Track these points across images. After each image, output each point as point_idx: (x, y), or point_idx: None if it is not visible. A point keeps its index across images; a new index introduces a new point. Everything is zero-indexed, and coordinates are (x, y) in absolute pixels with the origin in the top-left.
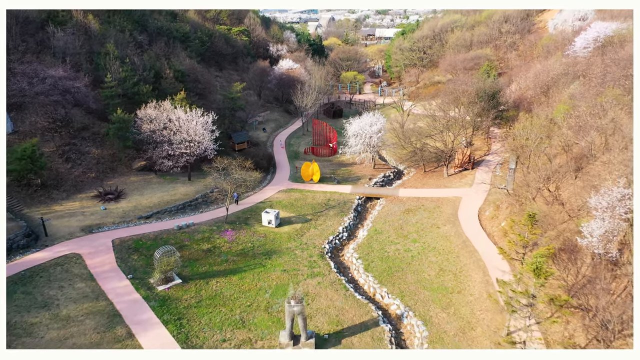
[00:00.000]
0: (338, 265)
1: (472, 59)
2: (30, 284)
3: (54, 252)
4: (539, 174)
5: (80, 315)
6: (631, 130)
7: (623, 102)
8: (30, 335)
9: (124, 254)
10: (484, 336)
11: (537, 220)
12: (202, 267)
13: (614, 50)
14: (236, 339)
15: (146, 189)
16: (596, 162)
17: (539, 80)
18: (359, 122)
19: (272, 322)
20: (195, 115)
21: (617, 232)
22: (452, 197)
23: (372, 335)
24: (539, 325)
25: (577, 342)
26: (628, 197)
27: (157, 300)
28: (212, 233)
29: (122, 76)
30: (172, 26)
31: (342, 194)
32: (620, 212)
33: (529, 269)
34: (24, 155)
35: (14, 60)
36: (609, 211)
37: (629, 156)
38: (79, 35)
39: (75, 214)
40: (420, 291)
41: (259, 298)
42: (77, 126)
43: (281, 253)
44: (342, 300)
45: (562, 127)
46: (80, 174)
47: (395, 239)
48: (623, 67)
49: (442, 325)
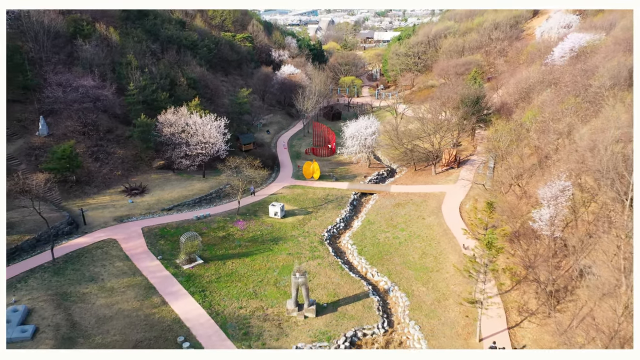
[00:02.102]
0: (335, 250)
1: (464, 64)
2: (77, 262)
3: (93, 237)
4: (511, 172)
5: (122, 287)
6: (581, 134)
7: (581, 108)
8: (83, 302)
9: (153, 240)
10: (454, 304)
11: (495, 208)
12: (219, 251)
13: (582, 60)
14: (250, 307)
15: (166, 185)
16: (552, 160)
17: (518, 86)
18: (356, 125)
19: (280, 294)
20: (210, 119)
21: (560, 217)
22: (438, 192)
23: (363, 304)
24: (501, 296)
25: (529, 307)
26: (568, 189)
27: (184, 276)
28: (226, 223)
29: (142, 84)
30: (182, 35)
31: (339, 189)
32: (562, 200)
33: (483, 244)
34: (63, 155)
35: (48, 71)
36: (553, 200)
37: (573, 155)
38: (102, 47)
39: (107, 206)
40: (405, 270)
41: (268, 275)
42: (103, 129)
43: (286, 240)
44: (339, 277)
45: (530, 131)
46: (108, 172)
47: (385, 228)
48: (587, 77)
49: (421, 297)
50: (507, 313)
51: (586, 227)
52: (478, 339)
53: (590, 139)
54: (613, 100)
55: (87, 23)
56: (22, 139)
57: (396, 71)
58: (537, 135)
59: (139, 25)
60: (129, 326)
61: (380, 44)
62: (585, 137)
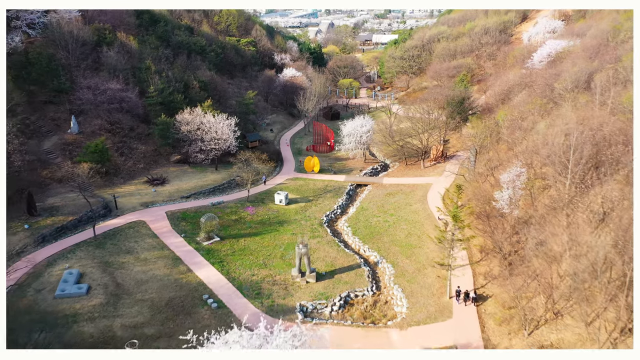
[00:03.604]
0: (333, 231)
1: (455, 67)
2: (114, 239)
3: (125, 219)
4: (487, 164)
5: (154, 258)
6: (541, 129)
7: (546, 108)
8: (123, 269)
9: (175, 221)
10: (432, 272)
11: (464, 191)
12: (232, 231)
13: (553, 65)
14: (261, 274)
15: (183, 176)
16: (515, 152)
17: (500, 88)
18: (352, 124)
19: (286, 265)
20: (222, 118)
21: (517, 197)
22: (425, 183)
23: (355, 273)
24: (472, 265)
25: (494, 273)
26: (523, 174)
27: (204, 250)
28: (238, 208)
29: (160, 87)
30: (191, 40)
31: (337, 181)
32: (518, 183)
33: (450, 217)
34: (95, 149)
35: (78, 75)
36: (511, 183)
37: (529, 147)
38: (123, 54)
39: (134, 194)
40: (392, 247)
41: (275, 251)
42: (126, 128)
43: (290, 222)
44: (335, 252)
45: (502, 128)
46: (132, 165)
47: (377, 213)
48: (555, 80)
49: (405, 267)
50: (475, 278)
51: (542, 206)
52: (448, 297)
53: (543, 133)
54: (571, 101)
55: (109, 32)
56: (57, 135)
57: (392, 73)
58: (508, 132)
59: (152, 32)
60: (162, 287)
61: (379, 47)
62: (541, 131)
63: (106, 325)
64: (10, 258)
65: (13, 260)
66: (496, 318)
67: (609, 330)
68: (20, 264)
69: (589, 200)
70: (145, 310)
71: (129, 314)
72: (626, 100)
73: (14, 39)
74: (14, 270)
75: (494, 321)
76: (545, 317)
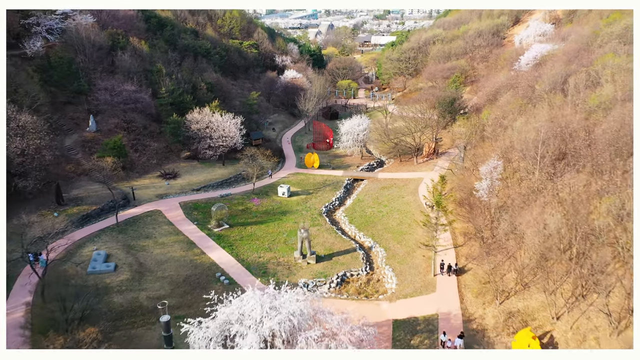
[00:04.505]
0: (331, 220)
1: (449, 69)
2: (134, 225)
3: (143, 209)
4: (472, 160)
5: (171, 242)
6: (517, 126)
7: (525, 108)
8: (144, 251)
9: (188, 211)
10: (420, 255)
11: (446, 181)
12: (240, 220)
13: (538, 68)
14: (266, 257)
15: (193, 171)
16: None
17: (489, 89)
18: (350, 123)
19: (289, 249)
20: (229, 117)
21: (494, 186)
22: (417, 178)
23: (351, 256)
24: (456, 249)
25: (475, 254)
26: (499, 166)
27: (215, 236)
28: (244, 200)
29: (170, 89)
30: (196, 43)
31: (335, 176)
32: (495, 175)
33: (434, 203)
34: (114, 146)
35: (95, 78)
36: (488, 175)
37: (506, 142)
38: (136, 58)
39: (149, 187)
40: (385, 234)
41: (279, 237)
42: (140, 126)
43: (292, 212)
44: (333, 238)
45: (486, 126)
46: (145, 161)
47: (372, 205)
48: (535, 82)
49: (395, 251)
50: (458, 259)
51: (514, 194)
52: (433, 274)
53: (519, 130)
54: (548, 101)
55: (122, 37)
56: (76, 133)
57: (390, 75)
58: (490, 129)
59: (159, 35)
60: (179, 266)
61: (377, 48)
62: (517, 128)
63: (133, 297)
64: (54, 236)
65: (57, 237)
66: (474, 291)
67: (566, 297)
68: (62, 241)
69: (552, 187)
70: (166, 285)
71: (152, 288)
72: (591, 101)
73: (35, 44)
74: (57, 247)
75: (472, 294)
76: (515, 289)
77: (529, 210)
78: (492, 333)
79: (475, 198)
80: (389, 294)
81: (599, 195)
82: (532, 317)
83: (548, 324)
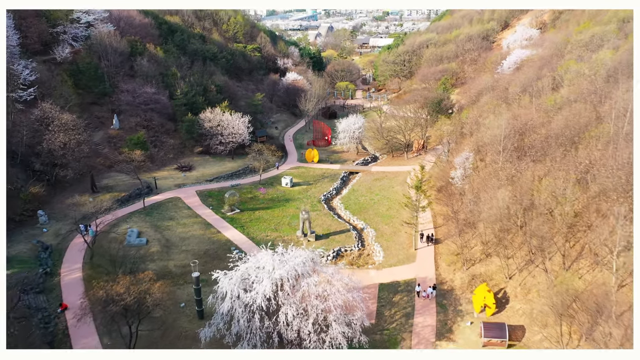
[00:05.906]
0: (329, 207)
1: (441, 72)
2: (158, 209)
3: (164, 196)
4: (452, 154)
5: (191, 223)
6: (487, 123)
7: (498, 108)
8: (169, 230)
9: (204, 198)
10: (404, 234)
11: (425, 170)
12: (249, 205)
13: (517, 71)
14: (273, 235)
15: (206, 164)
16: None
17: (474, 91)
18: (346, 121)
19: (292, 230)
20: (238, 117)
21: (466, 174)
22: (406, 171)
23: (346, 235)
24: (435, 229)
25: (452, 233)
26: (470, 157)
27: (228, 219)
28: (252, 189)
29: (185, 91)
30: (204, 48)
31: (333, 169)
32: (467, 165)
33: (414, 187)
34: (137, 141)
35: (118, 81)
36: (461, 165)
37: (478, 137)
38: (152, 62)
39: (167, 178)
40: (375, 217)
41: (283, 220)
42: (158, 124)
43: (294, 200)
44: (330, 221)
45: (465, 124)
46: (163, 155)
47: (365, 194)
48: (509, 85)
49: (384, 231)
50: (436, 236)
51: (482, 180)
52: (414, 249)
53: (488, 127)
54: (518, 102)
55: (139, 43)
56: (102, 131)
57: (386, 76)
58: (468, 127)
59: (170, 41)
60: (200, 242)
61: (376, 50)
62: (487, 125)
63: (164, 265)
64: (101, 212)
65: (106, 213)
66: (447, 261)
67: (518, 262)
68: (108, 217)
69: (507, 173)
70: (189, 256)
71: (178, 259)
72: (548, 102)
73: (64, 50)
74: (104, 222)
75: (445, 263)
76: (480, 258)
77: (487, 192)
78: (459, 291)
79: (451, 185)
80: (376, 264)
81: (540, 178)
82: (491, 278)
83: (502, 282)
